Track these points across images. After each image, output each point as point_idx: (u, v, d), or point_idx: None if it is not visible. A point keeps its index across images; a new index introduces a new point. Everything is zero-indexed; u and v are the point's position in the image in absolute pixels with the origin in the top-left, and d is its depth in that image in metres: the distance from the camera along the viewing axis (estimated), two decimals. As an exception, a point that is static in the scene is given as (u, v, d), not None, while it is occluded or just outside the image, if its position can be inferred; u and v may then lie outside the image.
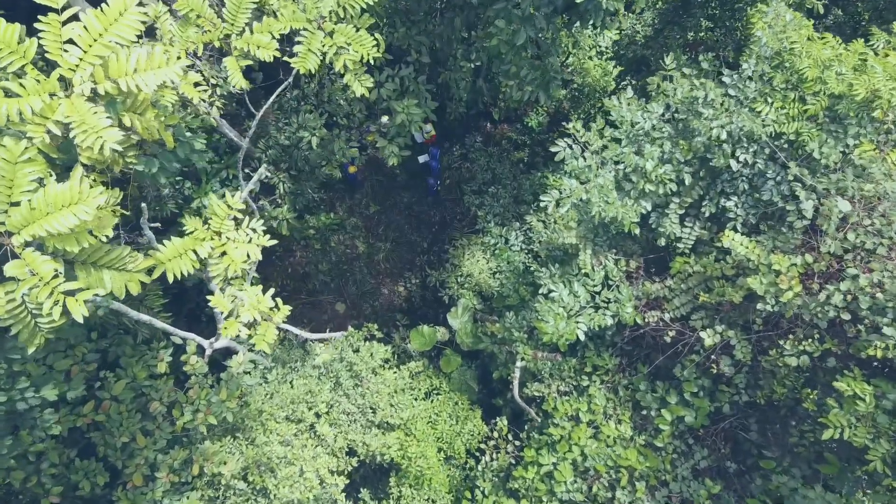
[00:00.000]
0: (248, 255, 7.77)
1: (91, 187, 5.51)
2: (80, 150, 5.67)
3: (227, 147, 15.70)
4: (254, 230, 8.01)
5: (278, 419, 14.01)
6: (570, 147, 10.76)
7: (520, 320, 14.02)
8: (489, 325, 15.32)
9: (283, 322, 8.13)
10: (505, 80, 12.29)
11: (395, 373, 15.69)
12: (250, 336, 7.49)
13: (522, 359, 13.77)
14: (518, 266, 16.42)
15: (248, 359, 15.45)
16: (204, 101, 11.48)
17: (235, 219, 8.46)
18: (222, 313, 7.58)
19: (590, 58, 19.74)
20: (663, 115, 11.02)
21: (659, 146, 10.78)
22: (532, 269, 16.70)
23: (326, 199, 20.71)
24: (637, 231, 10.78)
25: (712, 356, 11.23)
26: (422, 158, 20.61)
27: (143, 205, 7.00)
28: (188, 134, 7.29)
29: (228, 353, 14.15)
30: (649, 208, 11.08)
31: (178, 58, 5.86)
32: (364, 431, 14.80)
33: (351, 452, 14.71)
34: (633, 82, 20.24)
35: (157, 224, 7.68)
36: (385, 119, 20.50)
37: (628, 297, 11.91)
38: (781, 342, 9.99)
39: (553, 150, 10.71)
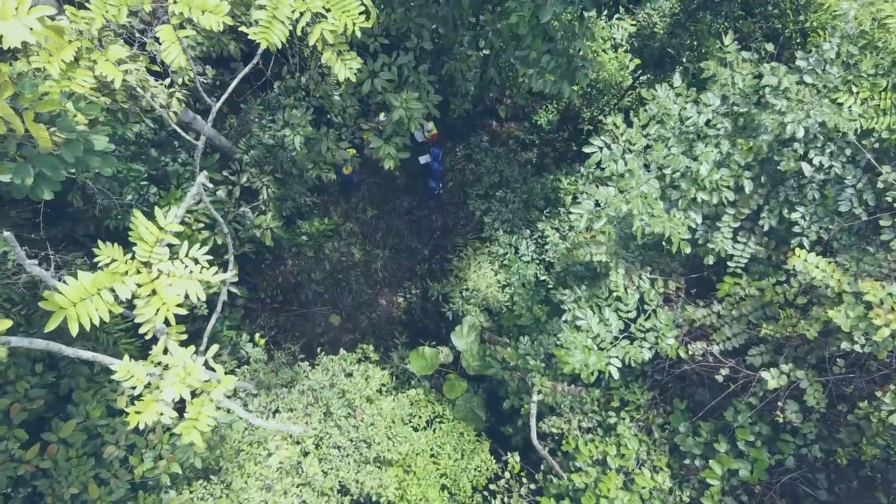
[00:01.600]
0: (188, 295, 5.37)
1: None
2: None
3: (208, 147, 13.31)
4: (195, 260, 5.60)
5: (258, 458, 11.66)
6: (609, 147, 8.33)
7: (536, 346, 11.64)
8: (500, 349, 12.93)
9: (227, 396, 5.71)
10: (522, 69, 9.90)
11: (393, 400, 13.32)
12: (175, 421, 5.13)
13: (539, 391, 11.41)
14: (530, 280, 14.03)
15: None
16: (160, 88, 9.10)
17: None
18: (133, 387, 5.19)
19: (604, 51, 17.33)
20: (719, 107, 8.61)
21: (714, 145, 8.39)
22: (543, 279, 14.36)
23: (320, 203, 18.31)
24: (688, 249, 8.40)
25: (779, 402, 8.83)
26: (423, 159, 18.23)
27: (7, 233, 4.61)
28: (81, 128, 4.92)
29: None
30: (699, 221, 8.70)
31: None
32: (357, 468, 12.44)
33: (343, 491, 12.39)
34: (651, 76, 17.86)
35: (32, 262, 5.28)
36: (383, 116, 18.12)
37: (668, 326, 9.53)
38: (878, 393, 7.60)
39: (587, 150, 8.29)
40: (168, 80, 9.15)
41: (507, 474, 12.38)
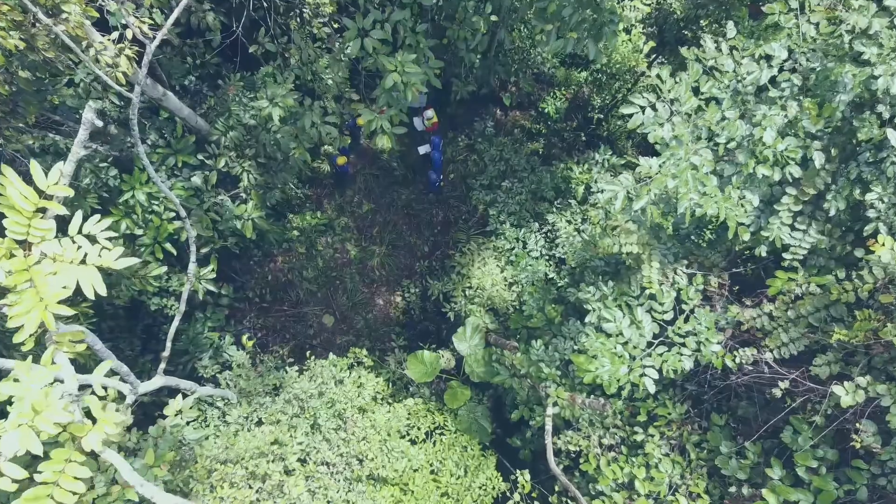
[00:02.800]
0: (81, 284, 3.58)
1: None
2: None
3: (185, 129, 11.53)
4: (92, 238, 3.79)
5: (235, 479, 9.86)
6: (653, 107, 6.49)
7: (550, 352, 9.84)
8: (508, 354, 11.10)
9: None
10: (540, 25, 8.12)
11: (388, 411, 11.53)
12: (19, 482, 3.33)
13: (555, 404, 9.60)
14: (541, 277, 12.23)
15: (204, 395, 11.33)
16: (107, 43, 7.29)
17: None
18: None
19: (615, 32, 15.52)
20: (784, 62, 6.80)
21: (780, 108, 6.58)
22: (551, 278, 12.56)
23: (312, 196, 16.55)
24: (746, 236, 6.61)
25: (857, 424, 7.00)
26: (422, 149, 16.47)
27: None
28: None
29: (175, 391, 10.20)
30: (756, 202, 6.90)
31: None
32: (349, 487, 10.64)
33: (332, 511, 10.60)
34: (665, 60, 16.09)
35: None
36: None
37: (711, 329, 7.74)
38: None
39: (625, 111, 6.48)
40: (116, 34, 7.36)
41: (516, 495, 10.55)
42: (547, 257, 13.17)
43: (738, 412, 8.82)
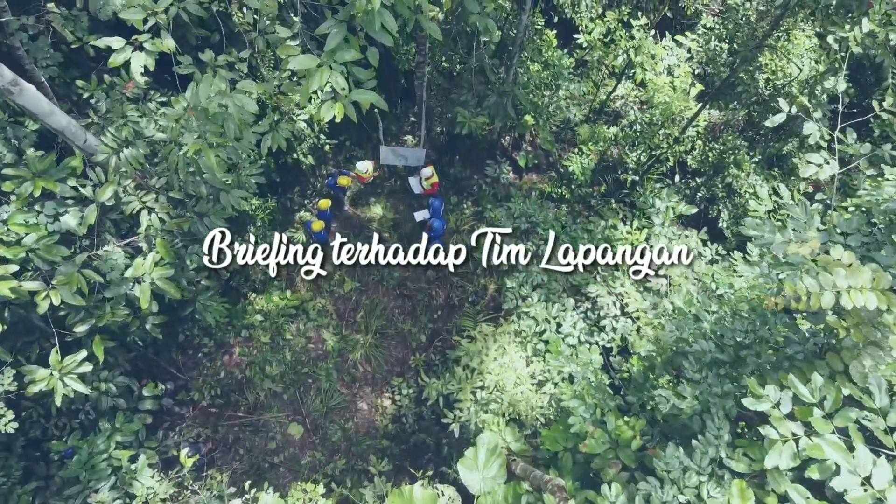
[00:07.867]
0: None
1: None
2: None
3: (57, 142, 7.17)
4: None
5: None
6: None
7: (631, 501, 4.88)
8: (550, 499, 6.00)
9: None
10: None
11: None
12: None
13: None
14: (594, 370, 7.32)
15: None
16: None
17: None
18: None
19: (657, 73, 11.48)
20: None
21: None
22: (599, 383, 7.66)
23: (281, 271, 11.97)
24: None
25: None
26: (419, 215, 12.08)
27: None
28: None
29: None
30: None
31: None
32: None
33: None
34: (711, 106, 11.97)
35: None
36: (365, 164, 12.10)
37: None
38: None
39: None
40: None
41: None
42: (589, 344, 8.39)
43: None
